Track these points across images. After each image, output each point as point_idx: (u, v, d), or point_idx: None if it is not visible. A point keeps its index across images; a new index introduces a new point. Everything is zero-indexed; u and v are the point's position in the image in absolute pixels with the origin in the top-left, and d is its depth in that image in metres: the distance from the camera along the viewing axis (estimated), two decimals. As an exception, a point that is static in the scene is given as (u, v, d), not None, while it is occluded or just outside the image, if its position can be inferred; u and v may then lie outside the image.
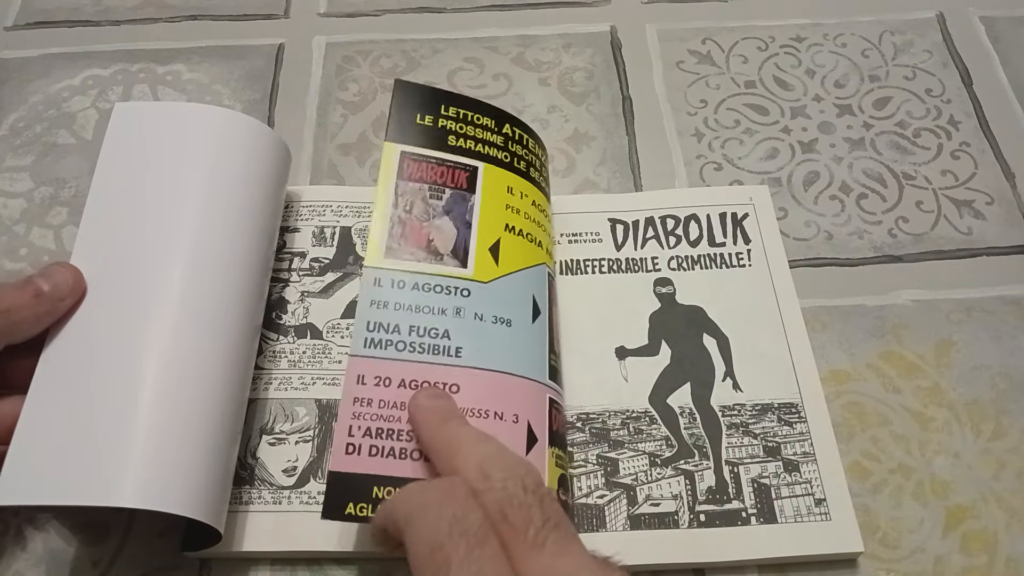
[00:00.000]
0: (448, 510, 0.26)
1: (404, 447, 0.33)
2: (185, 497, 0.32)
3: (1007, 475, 0.38)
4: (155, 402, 0.32)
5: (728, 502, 0.37)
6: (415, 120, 0.41)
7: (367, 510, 0.32)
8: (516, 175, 0.41)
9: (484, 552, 0.25)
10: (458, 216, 0.39)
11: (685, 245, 0.44)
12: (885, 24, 0.55)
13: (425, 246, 0.38)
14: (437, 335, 0.36)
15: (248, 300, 0.37)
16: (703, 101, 0.52)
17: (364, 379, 0.34)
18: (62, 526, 0.37)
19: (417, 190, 0.39)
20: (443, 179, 0.39)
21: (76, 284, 0.35)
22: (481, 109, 0.42)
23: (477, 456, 0.29)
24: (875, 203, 0.47)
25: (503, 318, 0.37)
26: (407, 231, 0.38)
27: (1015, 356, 0.42)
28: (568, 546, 0.26)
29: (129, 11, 0.57)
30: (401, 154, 0.39)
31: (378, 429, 0.33)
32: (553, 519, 0.27)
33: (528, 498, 0.27)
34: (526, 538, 0.26)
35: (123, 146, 0.39)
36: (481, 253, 0.38)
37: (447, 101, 0.42)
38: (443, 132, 0.41)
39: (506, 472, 0.28)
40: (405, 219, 0.38)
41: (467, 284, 0.37)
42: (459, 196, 0.39)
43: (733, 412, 0.39)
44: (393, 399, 0.34)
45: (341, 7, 0.57)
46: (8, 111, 0.51)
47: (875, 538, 0.37)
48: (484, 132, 0.41)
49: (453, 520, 0.26)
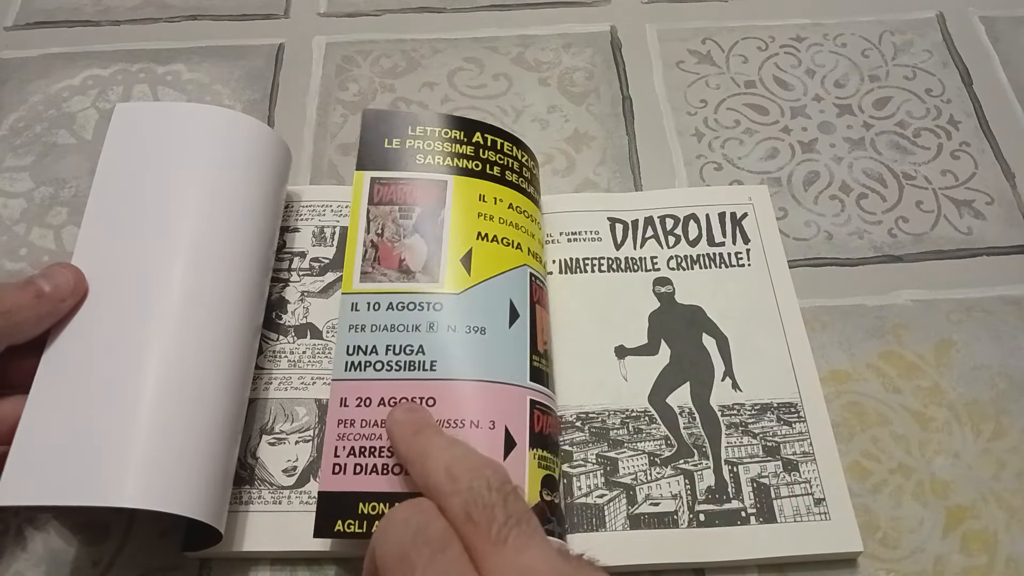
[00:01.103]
0: (412, 522, 0.27)
1: (386, 463, 0.34)
2: (186, 497, 0.32)
3: (1007, 475, 0.38)
4: (156, 402, 0.32)
5: (727, 502, 0.37)
6: (383, 145, 0.42)
7: (354, 526, 0.33)
8: (490, 181, 0.42)
9: (447, 555, 0.26)
10: (428, 232, 0.39)
11: (685, 245, 0.44)
12: (885, 24, 0.55)
13: (397, 266, 0.39)
14: (412, 351, 0.36)
15: (248, 300, 0.37)
16: (703, 101, 0.52)
17: (346, 401, 0.35)
18: (62, 526, 0.37)
19: (388, 212, 0.40)
20: (412, 198, 0.40)
21: (77, 285, 0.35)
22: (450, 123, 0.43)
23: (444, 460, 0.30)
24: (875, 203, 0.47)
25: (477, 326, 0.37)
26: (380, 254, 0.39)
27: (1015, 356, 0.42)
28: (530, 540, 0.27)
29: (129, 11, 0.57)
30: (371, 180, 0.41)
31: (361, 448, 0.35)
32: (516, 515, 0.27)
33: (492, 496, 0.27)
34: (489, 535, 0.26)
35: (124, 147, 0.39)
36: (452, 265, 0.39)
37: (414, 122, 0.43)
38: (411, 152, 0.41)
39: (471, 473, 0.29)
40: (377, 242, 0.39)
41: (439, 298, 0.38)
42: (429, 212, 0.40)
43: (732, 412, 0.39)
44: (374, 418, 0.35)
45: (341, 7, 0.57)
46: (8, 111, 0.51)
47: (875, 538, 0.37)
48: (453, 145, 0.42)
49: (417, 531, 0.27)
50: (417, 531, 0.27)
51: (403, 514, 0.28)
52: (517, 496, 0.28)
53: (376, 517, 0.33)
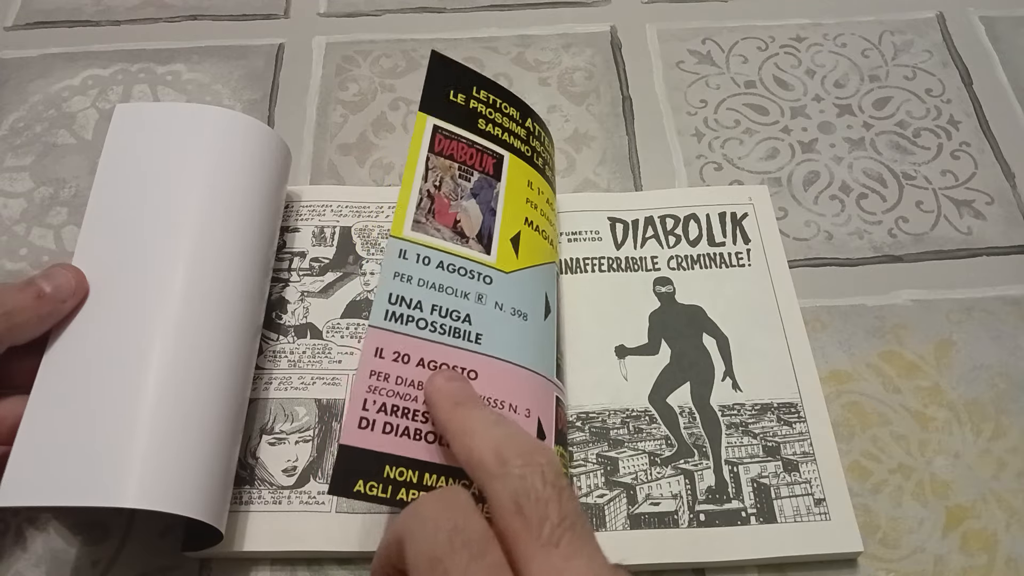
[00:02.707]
0: (448, 520, 0.25)
1: (419, 428, 0.32)
2: (187, 497, 0.32)
3: (1007, 475, 0.38)
4: (156, 402, 0.33)
5: (728, 502, 0.37)
6: (447, 96, 0.39)
7: (377, 489, 0.31)
8: (535, 170, 0.41)
9: (486, 562, 0.24)
10: (484, 201, 0.38)
11: (685, 245, 0.44)
12: (885, 24, 0.55)
13: (452, 226, 0.36)
14: (458, 318, 0.34)
15: (249, 300, 0.37)
16: (703, 101, 0.52)
17: (382, 352, 0.33)
18: (62, 526, 0.37)
19: (447, 167, 0.37)
20: (472, 161, 0.38)
21: (78, 285, 0.35)
22: (508, 98, 0.41)
23: (493, 438, 0.27)
24: (875, 203, 0.47)
25: (520, 311, 0.36)
26: (435, 207, 0.36)
27: (1015, 356, 0.42)
28: (583, 548, 0.24)
29: (129, 11, 0.57)
30: (434, 127, 0.38)
31: (393, 406, 0.32)
32: (571, 517, 0.25)
33: (547, 491, 0.25)
34: (540, 535, 0.24)
35: (124, 147, 0.39)
36: (503, 242, 0.37)
37: (479, 83, 0.40)
38: (473, 114, 0.39)
39: (523, 459, 0.26)
40: (434, 194, 0.37)
41: (490, 272, 0.36)
42: (486, 181, 0.38)
43: (733, 412, 0.39)
44: (411, 377, 0.33)
45: (341, 7, 0.57)
46: (8, 111, 0.51)
47: (875, 538, 0.37)
48: (510, 122, 0.41)
49: (453, 531, 0.24)
50: (454, 530, 0.24)
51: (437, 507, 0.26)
52: (572, 494, 0.26)
53: (403, 484, 0.31)
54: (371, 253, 0.44)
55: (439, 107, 0.38)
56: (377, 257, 0.44)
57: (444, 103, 0.39)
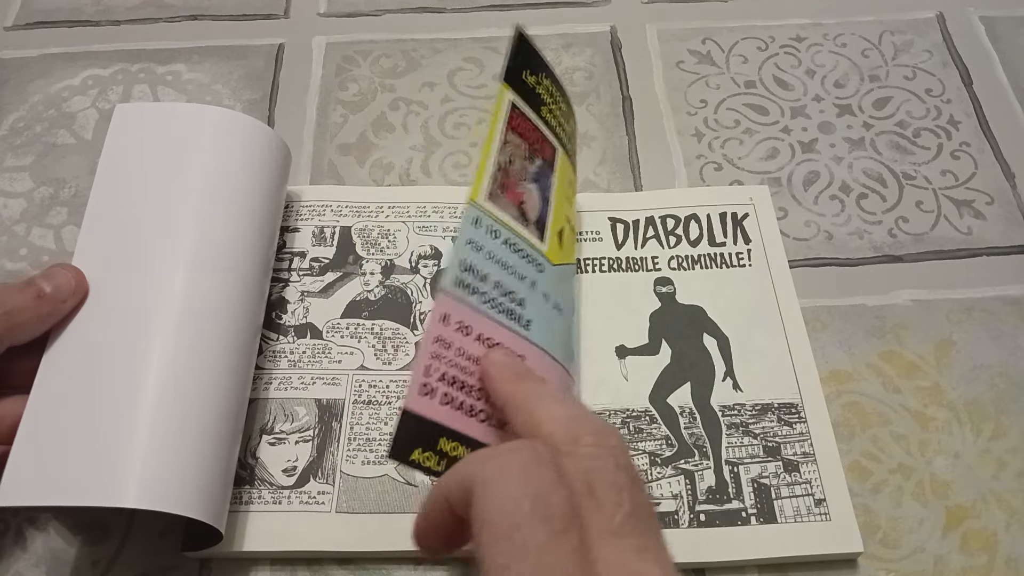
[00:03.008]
0: (532, 484, 0.23)
1: (474, 405, 0.31)
2: (187, 497, 0.32)
3: (1007, 475, 0.38)
4: (156, 402, 0.33)
5: (728, 502, 0.37)
6: (523, 75, 0.37)
7: (431, 460, 0.30)
8: (573, 171, 0.41)
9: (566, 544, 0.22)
10: (542, 188, 0.37)
11: (685, 245, 0.44)
12: (885, 24, 0.55)
13: (517, 205, 0.35)
14: (515, 300, 0.33)
15: (249, 300, 0.37)
16: (703, 101, 0.52)
17: (449, 319, 0.31)
18: (62, 526, 0.37)
19: (518, 145, 0.36)
20: (536, 145, 0.37)
21: (78, 285, 0.35)
22: (563, 94, 0.40)
23: (563, 414, 0.26)
24: (875, 203, 0.47)
25: (559, 304, 0.36)
26: (508, 183, 0.35)
27: (1015, 356, 0.42)
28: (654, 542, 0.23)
29: (129, 11, 0.57)
30: (511, 103, 0.36)
31: (453, 378, 0.31)
32: (643, 507, 0.24)
33: (620, 477, 0.24)
34: (611, 522, 0.23)
35: (124, 147, 0.39)
36: (553, 234, 0.37)
37: (547, 71, 0.39)
38: (539, 100, 0.38)
39: (596, 439, 0.25)
40: (508, 170, 0.35)
41: (543, 259, 0.35)
42: (545, 169, 0.37)
43: (733, 412, 0.39)
44: (471, 351, 0.31)
45: (341, 7, 0.57)
46: (8, 111, 0.51)
47: (875, 538, 0.37)
48: (563, 117, 0.40)
49: (536, 498, 0.23)
50: (537, 498, 0.23)
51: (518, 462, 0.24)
52: (643, 484, 0.25)
53: (455, 460, 0.30)
54: (371, 253, 0.44)
55: (517, 83, 0.37)
56: (377, 257, 0.44)
57: (520, 81, 0.37)
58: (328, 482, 0.37)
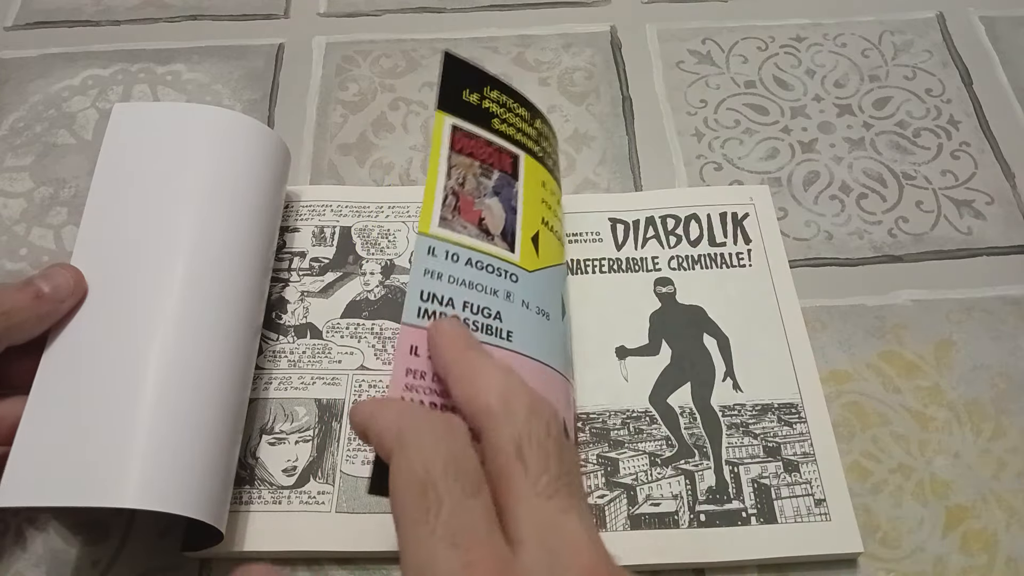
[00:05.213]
0: (446, 446, 0.25)
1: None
2: (187, 497, 0.32)
3: (1007, 475, 0.38)
4: (156, 402, 0.32)
5: (728, 502, 0.37)
6: (462, 96, 0.38)
7: None
8: (547, 171, 0.41)
9: (477, 503, 0.24)
10: (505, 200, 0.38)
11: (685, 245, 0.44)
12: (885, 24, 0.55)
13: (477, 223, 0.36)
14: (489, 315, 0.34)
15: (248, 300, 0.37)
16: (703, 101, 0.52)
17: (417, 351, 0.31)
18: (62, 526, 0.37)
19: (469, 165, 0.37)
20: (491, 159, 0.38)
21: (77, 285, 0.35)
22: (518, 99, 0.41)
23: (501, 384, 0.27)
24: (875, 203, 0.47)
25: (543, 310, 0.36)
26: (460, 204, 0.36)
27: (1015, 356, 0.42)
28: (577, 504, 0.24)
29: (129, 11, 0.57)
30: (452, 126, 0.37)
31: (432, 404, 0.31)
32: (571, 473, 0.25)
33: (550, 444, 0.25)
34: (536, 483, 0.24)
35: (123, 147, 0.39)
36: (525, 241, 0.37)
37: (491, 83, 0.40)
38: (487, 114, 0.39)
39: (530, 409, 0.26)
40: (459, 192, 0.36)
41: (516, 269, 0.36)
42: (506, 180, 0.38)
43: (733, 412, 0.39)
44: None
45: (341, 7, 0.57)
46: (8, 111, 0.51)
47: (875, 538, 0.37)
48: (521, 122, 0.40)
49: (450, 458, 0.24)
50: (451, 459, 0.24)
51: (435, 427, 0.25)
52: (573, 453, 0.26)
53: None
54: (371, 253, 0.44)
55: (455, 106, 0.38)
56: (377, 257, 0.44)
57: (459, 102, 0.38)
58: (328, 482, 0.37)
